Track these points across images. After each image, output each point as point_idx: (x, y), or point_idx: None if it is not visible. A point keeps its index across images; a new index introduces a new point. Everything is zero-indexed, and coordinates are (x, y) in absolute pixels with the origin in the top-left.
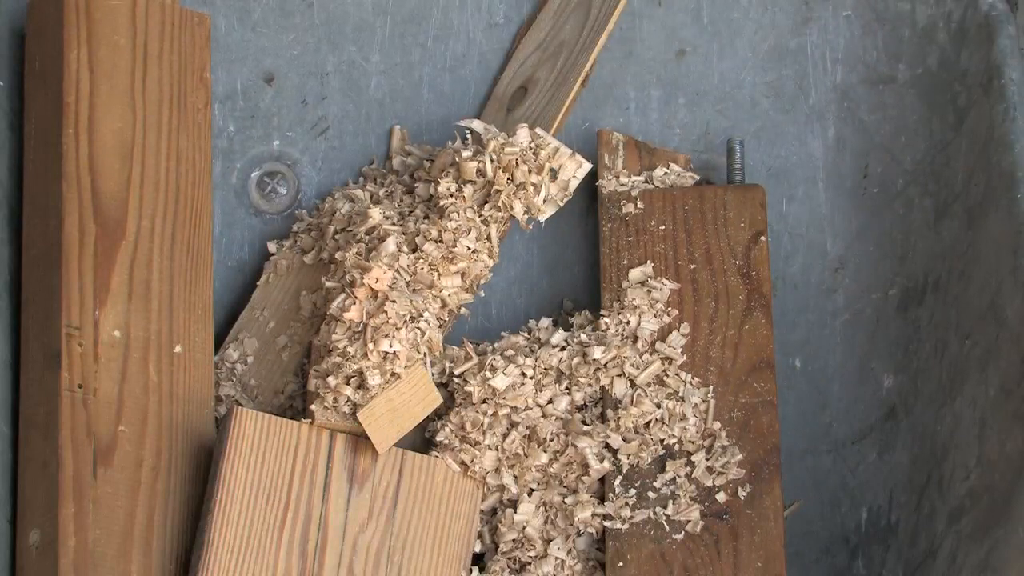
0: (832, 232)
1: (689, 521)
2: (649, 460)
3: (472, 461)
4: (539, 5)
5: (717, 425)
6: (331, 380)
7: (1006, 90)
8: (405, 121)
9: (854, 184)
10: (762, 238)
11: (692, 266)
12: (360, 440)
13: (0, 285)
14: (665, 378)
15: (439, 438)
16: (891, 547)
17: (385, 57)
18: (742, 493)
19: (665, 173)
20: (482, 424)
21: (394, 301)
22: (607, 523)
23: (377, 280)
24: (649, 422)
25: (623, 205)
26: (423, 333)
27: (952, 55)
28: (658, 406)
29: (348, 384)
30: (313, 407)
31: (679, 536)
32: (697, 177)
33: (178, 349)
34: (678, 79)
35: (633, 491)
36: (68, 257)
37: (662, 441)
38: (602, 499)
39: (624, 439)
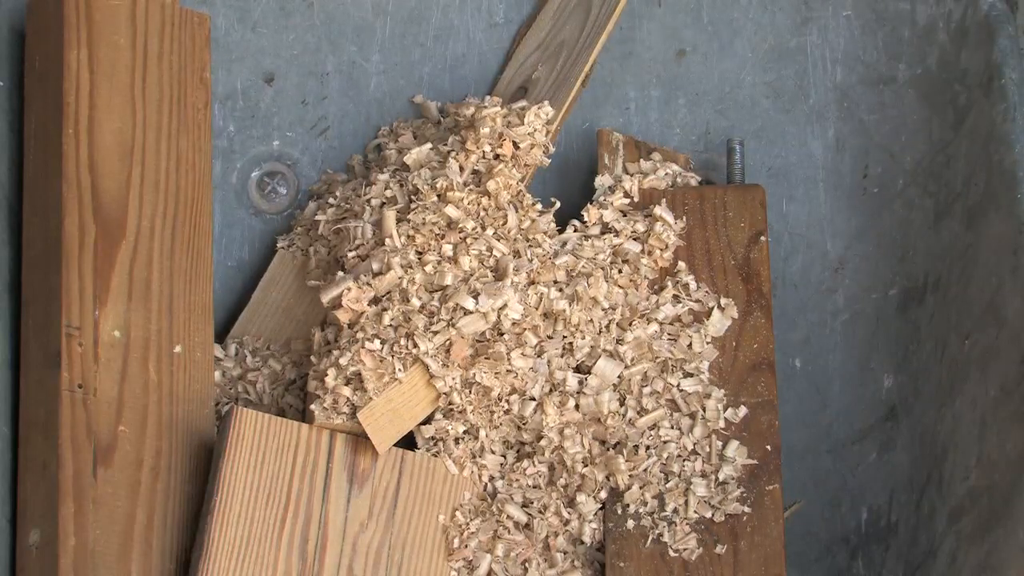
0: (832, 232)
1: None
2: None
3: None
4: (539, 5)
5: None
6: (329, 381)
7: (1006, 90)
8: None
9: (854, 184)
10: (762, 238)
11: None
12: (360, 440)
13: (0, 285)
14: None
15: None
16: (891, 547)
17: (385, 57)
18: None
19: (665, 173)
20: None
21: None
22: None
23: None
24: None
25: None
26: None
27: (952, 55)
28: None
29: (347, 385)
30: (313, 407)
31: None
32: (698, 177)
33: (178, 349)
34: (678, 79)
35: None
36: (68, 257)
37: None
38: None
39: None
